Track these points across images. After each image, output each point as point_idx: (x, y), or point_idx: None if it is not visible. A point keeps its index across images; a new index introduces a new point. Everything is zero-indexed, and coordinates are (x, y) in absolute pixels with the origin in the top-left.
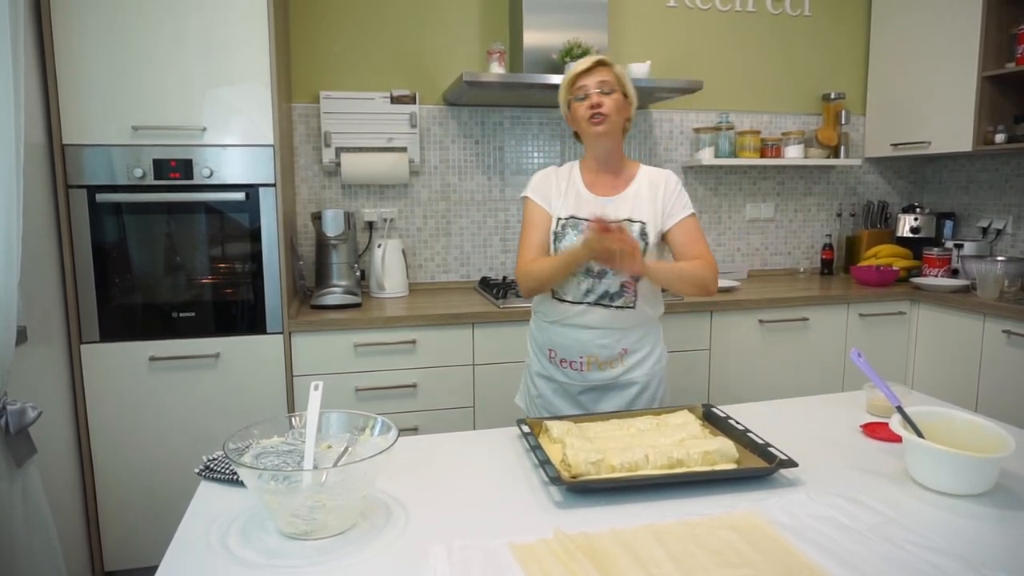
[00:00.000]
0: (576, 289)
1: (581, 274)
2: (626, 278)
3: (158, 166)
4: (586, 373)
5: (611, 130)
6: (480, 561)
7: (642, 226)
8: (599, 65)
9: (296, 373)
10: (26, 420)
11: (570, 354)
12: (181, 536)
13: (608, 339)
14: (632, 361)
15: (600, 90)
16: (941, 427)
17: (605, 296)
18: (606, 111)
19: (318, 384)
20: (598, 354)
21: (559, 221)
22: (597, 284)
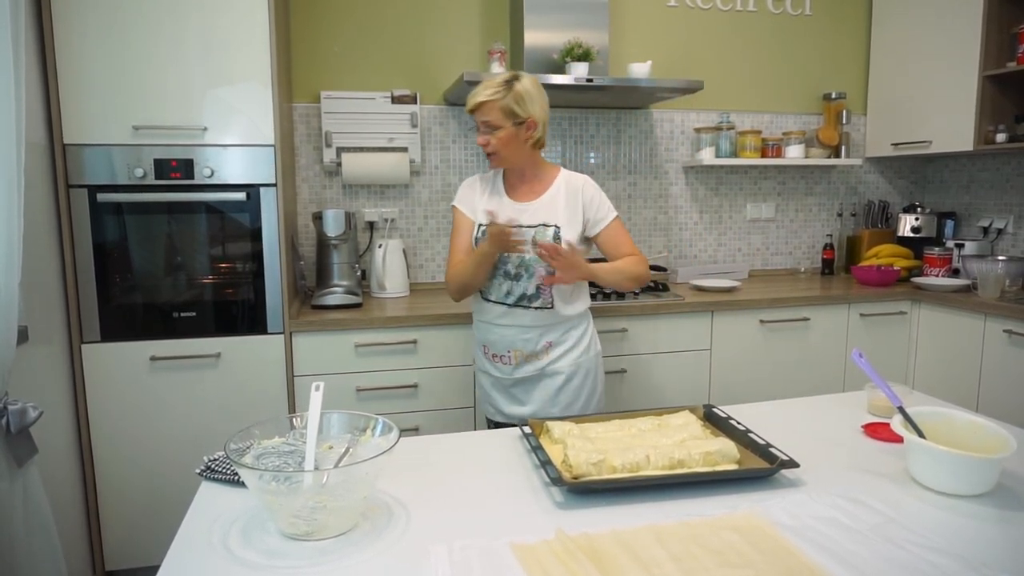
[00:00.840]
0: (498, 290)
1: (500, 276)
2: (541, 281)
3: (159, 166)
4: (514, 366)
5: (505, 161)
6: (481, 562)
7: (556, 230)
8: (483, 104)
9: (297, 373)
10: (27, 420)
11: (499, 349)
12: (182, 536)
13: (532, 334)
14: (557, 352)
15: (485, 129)
16: (942, 427)
17: (524, 298)
18: (491, 149)
19: (319, 384)
20: (523, 348)
21: (479, 227)
22: (515, 286)
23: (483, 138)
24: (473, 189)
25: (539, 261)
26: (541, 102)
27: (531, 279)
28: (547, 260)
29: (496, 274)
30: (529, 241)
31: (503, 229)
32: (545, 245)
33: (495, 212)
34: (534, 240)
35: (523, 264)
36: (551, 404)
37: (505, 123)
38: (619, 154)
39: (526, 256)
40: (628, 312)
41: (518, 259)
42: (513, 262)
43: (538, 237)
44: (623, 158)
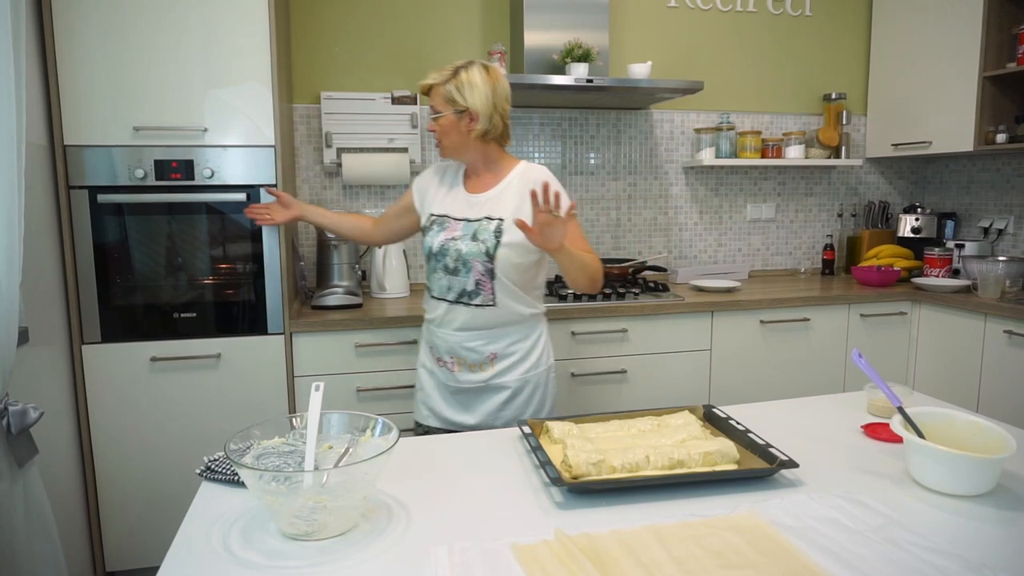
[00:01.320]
0: (439, 285)
1: (440, 271)
2: (480, 276)
3: (159, 167)
4: (456, 374)
5: (451, 151)
6: (481, 562)
7: (499, 224)
8: (430, 89)
9: (297, 374)
10: (28, 421)
11: (441, 353)
12: (182, 537)
13: (475, 342)
14: (502, 365)
15: (432, 115)
16: (942, 428)
17: (464, 294)
18: (437, 137)
19: (319, 385)
20: (466, 357)
21: (430, 217)
22: (454, 281)
23: (430, 124)
24: (434, 178)
25: (474, 255)
26: (487, 94)
27: (469, 273)
28: (533, 208)
29: (436, 268)
30: (469, 235)
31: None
32: (536, 193)
33: (465, 211)
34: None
35: (460, 258)
36: (494, 418)
37: (446, 110)
38: (619, 154)
39: (463, 250)
40: (628, 312)
41: (455, 253)
42: (451, 255)
43: (478, 231)
44: (623, 158)
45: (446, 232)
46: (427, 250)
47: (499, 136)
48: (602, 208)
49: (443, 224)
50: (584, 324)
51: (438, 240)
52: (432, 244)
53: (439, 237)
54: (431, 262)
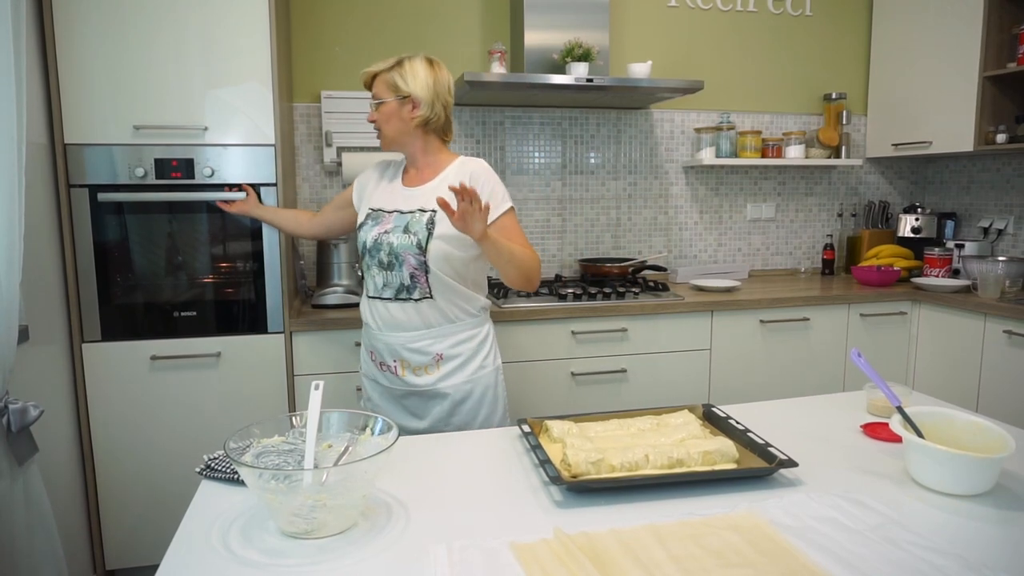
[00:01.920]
0: (374, 283)
1: (375, 267)
2: (413, 270)
3: (159, 165)
4: (402, 377)
5: (392, 140)
6: (480, 561)
7: (431, 215)
8: (373, 77)
9: (297, 372)
10: (28, 419)
11: (384, 357)
12: (182, 535)
13: (420, 343)
14: (448, 368)
15: (374, 104)
16: (942, 427)
17: (402, 289)
18: (378, 125)
19: (319, 383)
20: (410, 359)
21: (367, 212)
22: (390, 276)
23: (372, 114)
24: (374, 173)
25: (406, 247)
26: (429, 82)
27: (402, 267)
28: (455, 197)
29: (371, 264)
30: (401, 228)
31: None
32: (455, 187)
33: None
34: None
35: (392, 251)
36: (444, 424)
37: (387, 96)
38: (619, 154)
39: (394, 243)
40: (628, 312)
41: (387, 245)
42: (384, 249)
43: (410, 223)
44: (623, 158)
45: (380, 226)
46: (361, 245)
47: (440, 128)
48: (602, 207)
49: (377, 218)
50: (584, 323)
51: (372, 234)
52: (366, 239)
53: (372, 231)
54: (366, 258)
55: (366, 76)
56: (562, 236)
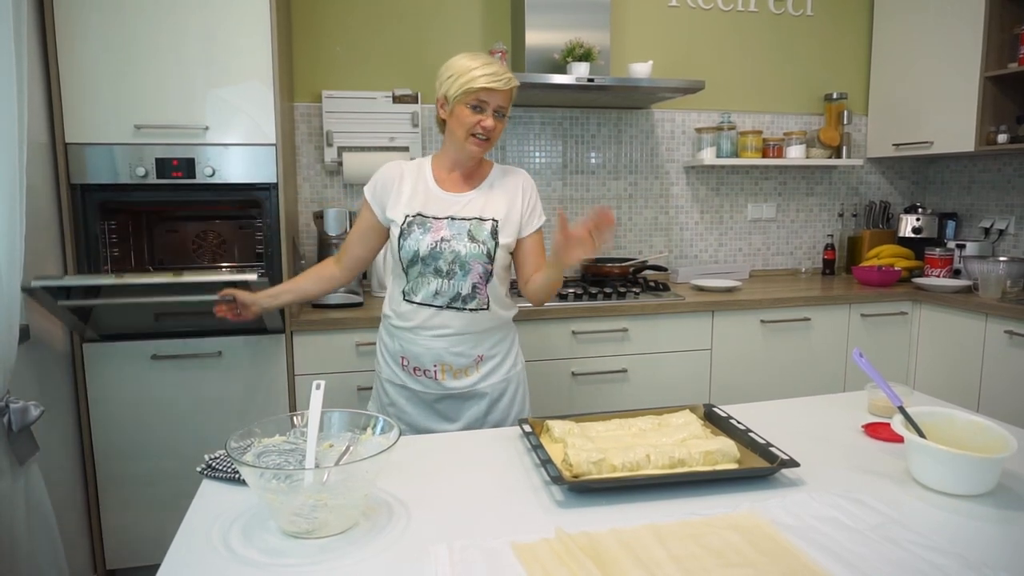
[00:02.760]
0: (425, 290)
1: (430, 274)
2: (477, 279)
3: (160, 165)
4: (441, 382)
5: (489, 149)
6: (481, 561)
7: (493, 224)
8: (513, 88)
9: (298, 372)
10: (29, 418)
11: (423, 363)
12: (183, 534)
13: (463, 346)
14: (487, 368)
15: (498, 114)
16: (943, 427)
17: (457, 299)
18: (495, 136)
19: (320, 383)
20: (452, 362)
21: (406, 218)
22: (446, 285)
23: (491, 122)
24: (391, 180)
25: (476, 256)
26: None
27: (467, 276)
28: (590, 226)
29: (424, 271)
30: (464, 235)
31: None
32: (607, 215)
33: (458, 212)
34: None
35: (457, 260)
36: (481, 423)
37: (508, 112)
38: (620, 154)
39: (461, 252)
40: (629, 312)
41: (452, 254)
42: (446, 258)
43: (473, 231)
44: (624, 158)
45: (432, 233)
46: (412, 253)
47: None
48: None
49: (424, 225)
50: (584, 323)
51: (426, 241)
52: (419, 247)
53: (426, 238)
54: (417, 266)
55: (506, 80)
56: None
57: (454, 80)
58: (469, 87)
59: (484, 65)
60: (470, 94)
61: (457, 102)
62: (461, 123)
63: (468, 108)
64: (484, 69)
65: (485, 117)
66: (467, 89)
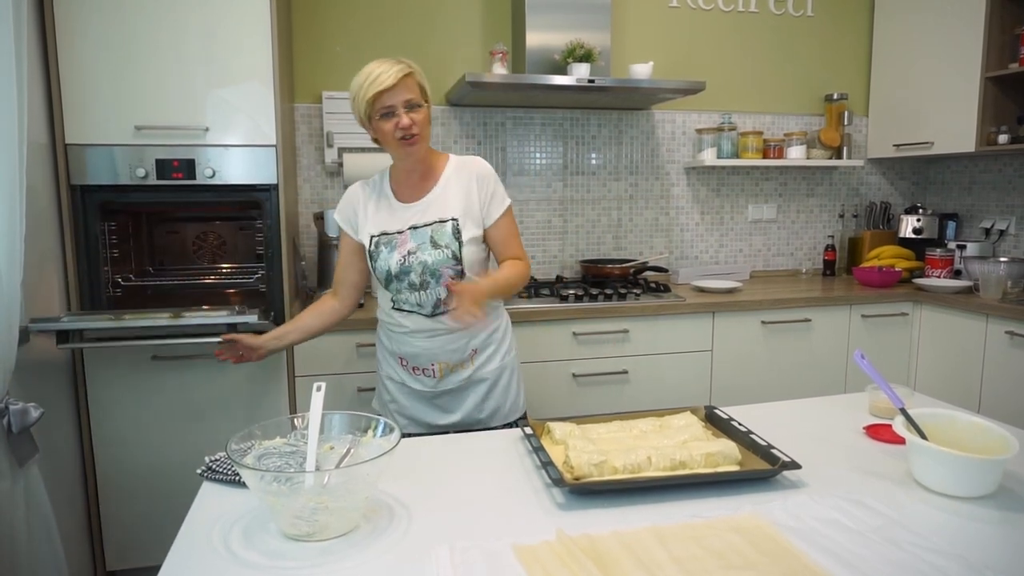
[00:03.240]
0: (407, 301)
1: (405, 289)
2: (452, 280)
3: (160, 166)
4: (440, 378)
5: (423, 148)
6: (483, 563)
7: (454, 223)
8: (404, 79)
9: (298, 373)
10: (28, 420)
11: (421, 362)
12: (183, 537)
13: (457, 343)
14: (482, 359)
15: (408, 108)
16: (944, 429)
17: (438, 304)
18: (417, 130)
19: (321, 385)
20: (448, 359)
21: (372, 239)
22: (424, 296)
23: (407, 118)
24: (355, 200)
25: (442, 262)
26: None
27: (439, 283)
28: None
29: (400, 286)
30: (428, 243)
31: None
32: (450, 286)
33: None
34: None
35: (426, 269)
36: (478, 411)
37: (423, 100)
38: (620, 155)
39: (428, 261)
40: (629, 313)
41: (420, 265)
42: (416, 270)
43: (435, 236)
44: (624, 159)
45: (397, 250)
46: (384, 274)
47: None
48: (603, 208)
49: (390, 243)
50: (585, 324)
51: (394, 259)
52: (389, 266)
53: (393, 256)
54: (392, 283)
55: (393, 76)
56: (563, 237)
57: (354, 103)
58: (365, 101)
59: (369, 74)
60: (371, 107)
61: (372, 118)
62: (385, 135)
63: (381, 119)
64: (369, 78)
65: (399, 118)
66: (366, 105)
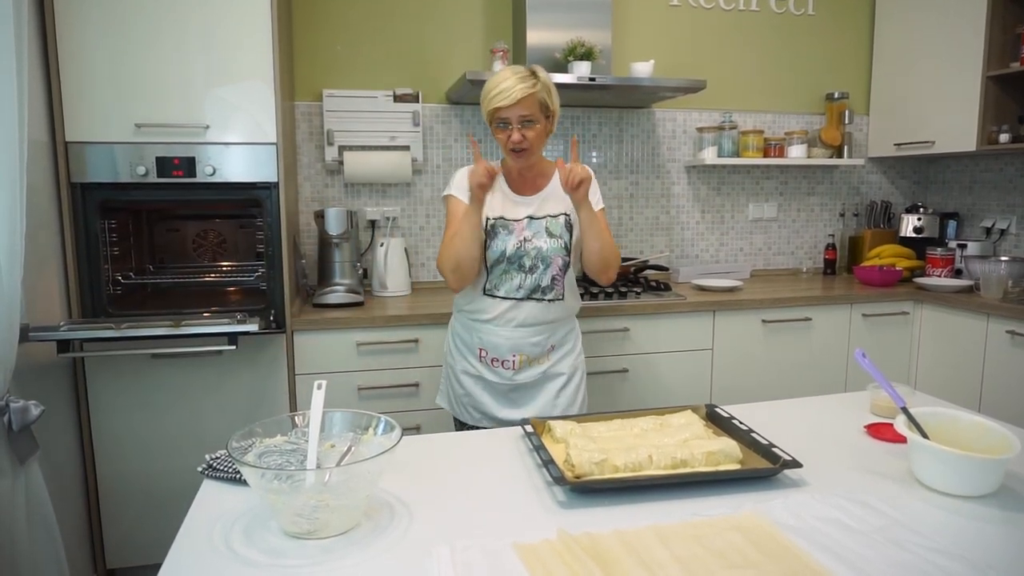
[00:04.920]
0: (508, 284)
1: (514, 270)
2: (557, 271)
3: (161, 164)
4: (517, 371)
5: (533, 157)
6: (483, 561)
7: (567, 218)
8: (524, 99)
9: (299, 372)
10: (29, 418)
11: (501, 353)
12: (184, 534)
13: (539, 336)
14: (557, 356)
15: (521, 124)
16: (946, 428)
17: (537, 290)
18: (527, 145)
19: (321, 383)
20: (528, 352)
21: (488, 221)
22: (528, 278)
23: (519, 135)
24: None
25: (556, 251)
26: (557, 93)
27: (547, 269)
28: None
29: (509, 268)
30: (543, 232)
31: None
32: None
33: (526, 215)
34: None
35: (540, 255)
36: (551, 407)
37: (540, 117)
38: (621, 153)
39: (543, 248)
40: (630, 312)
41: (535, 251)
42: (530, 255)
43: (550, 227)
44: (625, 157)
45: (515, 235)
46: (498, 254)
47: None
48: (604, 207)
49: (507, 227)
50: (586, 323)
51: (511, 243)
52: (505, 247)
53: (511, 241)
54: (502, 264)
55: (515, 97)
56: None
57: (481, 106)
58: (487, 110)
59: (498, 84)
60: (491, 116)
61: (490, 124)
62: (499, 141)
63: (497, 128)
64: (496, 89)
65: (512, 131)
66: (487, 112)
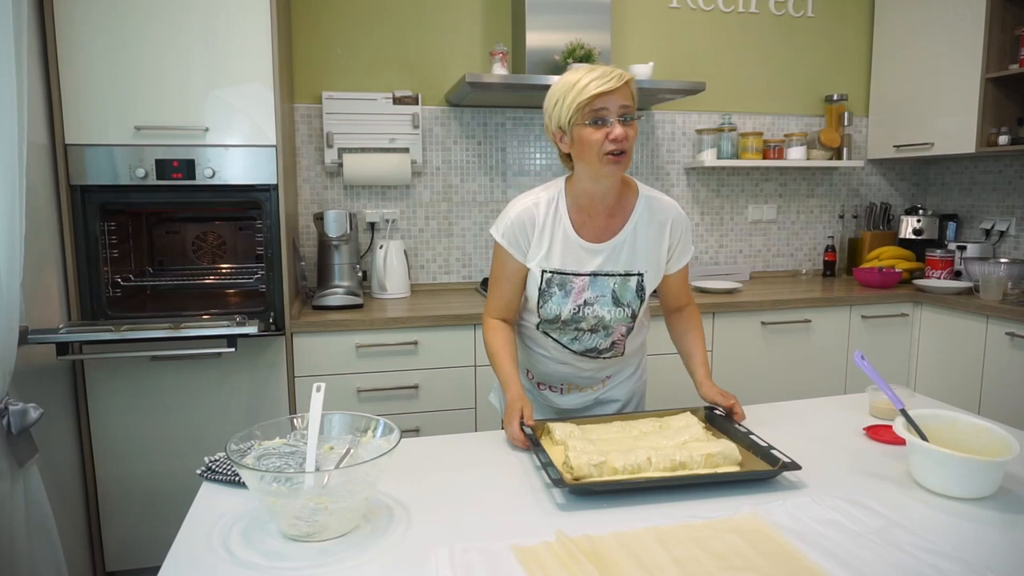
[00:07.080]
0: (565, 336)
1: (572, 330)
2: (618, 337)
3: (160, 166)
4: (566, 395)
5: (628, 164)
6: (482, 564)
7: (639, 280)
8: (625, 85)
9: (298, 374)
10: (28, 420)
11: (549, 380)
12: (183, 537)
13: (591, 372)
14: (615, 382)
15: (624, 117)
16: (945, 430)
17: (593, 351)
18: (628, 146)
19: (320, 385)
20: (579, 383)
21: (544, 275)
22: (586, 337)
23: (621, 129)
24: (525, 226)
25: (620, 320)
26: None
27: (608, 336)
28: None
29: (567, 328)
30: (608, 297)
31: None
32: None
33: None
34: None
35: (600, 323)
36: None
37: (636, 114)
38: None
39: (606, 317)
40: None
41: (594, 319)
42: (588, 321)
43: (618, 291)
44: None
45: (573, 297)
46: (553, 316)
47: None
48: None
49: (563, 284)
50: None
51: (567, 307)
52: (560, 311)
53: (567, 304)
54: (554, 324)
55: (613, 80)
56: None
57: (561, 103)
58: (580, 100)
59: (588, 71)
60: (584, 109)
61: (575, 124)
62: (588, 146)
63: (589, 126)
64: (590, 75)
65: (611, 127)
66: (579, 105)
